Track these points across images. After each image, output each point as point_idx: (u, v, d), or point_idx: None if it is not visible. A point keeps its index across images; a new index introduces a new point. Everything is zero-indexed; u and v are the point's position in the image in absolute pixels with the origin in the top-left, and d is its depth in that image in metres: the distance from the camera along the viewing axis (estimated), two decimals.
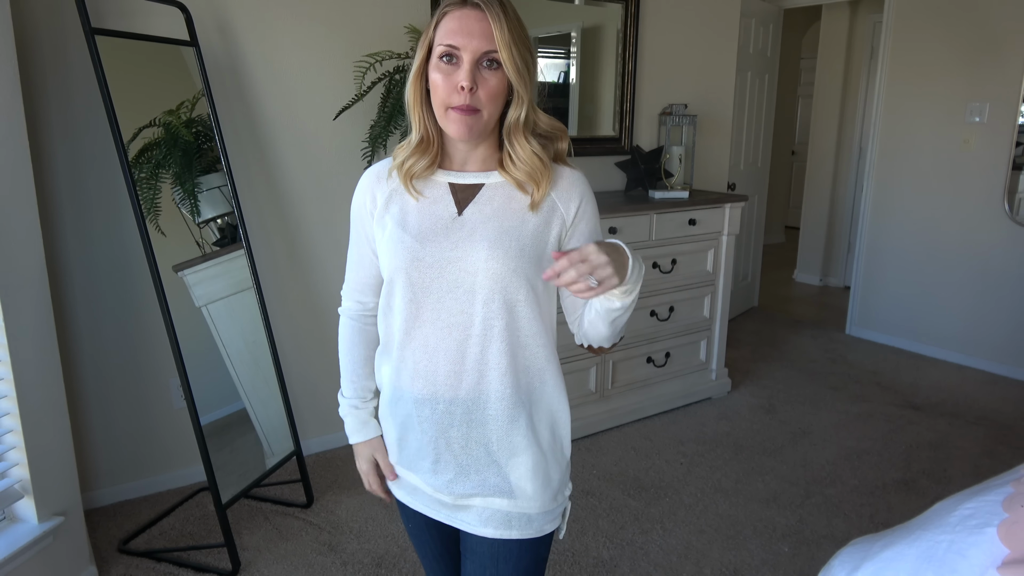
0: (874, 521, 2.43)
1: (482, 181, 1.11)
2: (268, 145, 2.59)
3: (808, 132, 6.01)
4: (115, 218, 2.34)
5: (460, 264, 1.06)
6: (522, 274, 1.07)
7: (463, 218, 1.08)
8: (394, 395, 1.16)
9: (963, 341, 3.98)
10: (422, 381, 1.10)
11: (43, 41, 2.15)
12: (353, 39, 2.62)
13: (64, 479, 1.96)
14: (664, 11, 3.45)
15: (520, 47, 1.01)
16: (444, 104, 1.02)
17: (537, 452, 1.13)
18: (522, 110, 1.05)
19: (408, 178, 1.10)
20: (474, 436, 1.11)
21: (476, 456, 1.12)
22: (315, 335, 2.80)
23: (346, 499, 2.53)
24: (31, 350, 1.83)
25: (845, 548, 1.31)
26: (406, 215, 1.11)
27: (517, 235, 1.07)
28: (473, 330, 1.07)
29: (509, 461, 1.12)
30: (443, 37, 1.01)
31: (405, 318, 1.10)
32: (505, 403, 1.09)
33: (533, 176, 1.08)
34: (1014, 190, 3.76)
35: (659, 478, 2.70)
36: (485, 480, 1.13)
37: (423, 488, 1.19)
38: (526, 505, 1.14)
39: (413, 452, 1.17)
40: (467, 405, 1.09)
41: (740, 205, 3.28)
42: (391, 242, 1.10)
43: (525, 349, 1.10)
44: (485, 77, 1.01)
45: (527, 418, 1.12)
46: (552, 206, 1.10)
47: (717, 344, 3.41)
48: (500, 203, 1.09)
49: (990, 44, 3.71)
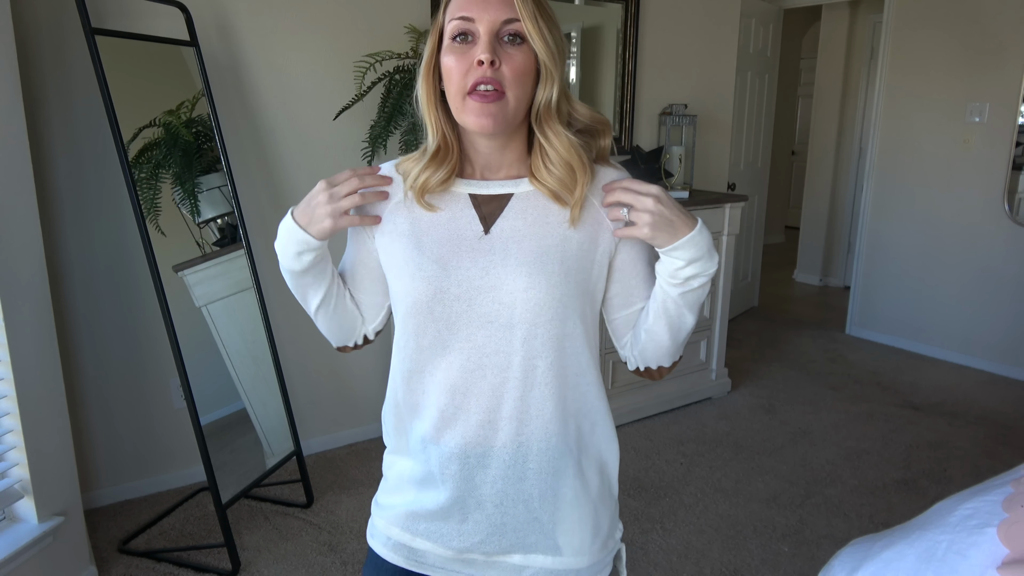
0: (874, 521, 2.43)
1: (510, 191, 0.93)
2: (268, 145, 2.59)
3: (808, 132, 6.01)
4: (115, 218, 2.34)
5: (493, 294, 0.89)
6: (569, 303, 0.90)
7: (491, 237, 0.91)
8: (410, 447, 0.98)
9: (963, 341, 3.98)
10: (449, 432, 0.92)
11: (43, 41, 2.15)
12: (353, 39, 2.62)
13: (64, 479, 1.96)
14: (664, 11, 3.45)
15: (546, 18, 0.85)
16: (461, 90, 0.85)
17: (586, 503, 0.97)
18: (553, 90, 0.88)
19: (421, 193, 0.92)
20: (511, 493, 0.93)
21: (514, 515, 0.95)
22: (315, 335, 2.78)
23: (346, 499, 2.53)
24: (31, 350, 1.83)
25: (845, 548, 1.31)
26: (420, 233, 0.92)
27: (560, 256, 0.90)
28: (511, 372, 0.89)
29: (554, 516, 0.96)
30: (454, 11, 0.86)
31: (428, 360, 0.92)
32: (550, 454, 0.93)
33: (569, 179, 0.90)
34: (1014, 190, 3.76)
35: (659, 478, 2.70)
36: (525, 538, 0.96)
37: (441, 552, 0.99)
38: (574, 561, 0.98)
39: (432, 513, 0.97)
40: (504, 458, 0.92)
41: (740, 205, 3.28)
42: (407, 266, 0.91)
43: (574, 390, 0.94)
44: (509, 53, 0.85)
45: (575, 467, 0.96)
46: (596, 217, 0.93)
47: (717, 344, 3.41)
48: (535, 217, 0.91)
49: (990, 45, 3.71)
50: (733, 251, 3.33)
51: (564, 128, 0.90)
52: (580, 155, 0.90)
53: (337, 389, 2.86)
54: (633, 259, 0.96)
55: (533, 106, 0.89)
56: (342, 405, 2.87)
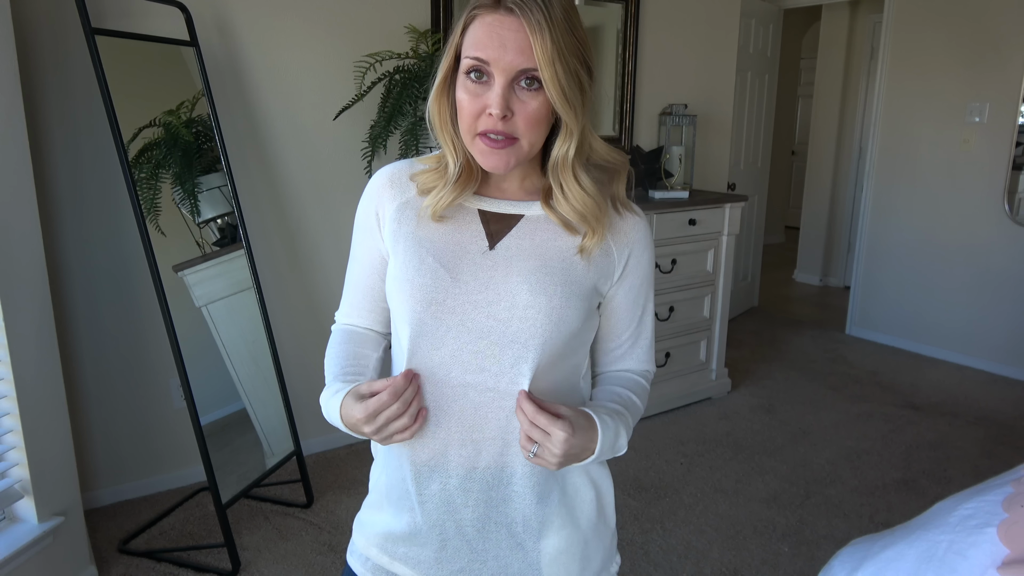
0: (874, 521, 2.43)
1: (521, 212, 0.90)
2: (268, 145, 2.59)
3: (808, 132, 6.01)
4: (115, 218, 2.34)
5: (490, 309, 0.85)
6: (565, 326, 0.86)
7: (495, 253, 0.88)
8: (388, 466, 0.95)
9: (963, 341, 3.98)
10: (428, 452, 0.88)
11: (43, 41, 2.15)
12: (353, 39, 2.62)
13: (64, 479, 1.96)
14: (664, 11, 3.45)
15: (569, 61, 0.79)
16: (471, 131, 0.82)
17: (573, 531, 0.94)
18: (571, 144, 0.83)
19: (437, 212, 0.89)
20: (493, 517, 0.90)
21: (496, 540, 0.91)
22: (315, 335, 2.80)
23: (346, 499, 2.53)
24: (31, 350, 1.83)
25: (845, 548, 1.31)
26: (423, 239, 0.89)
27: (564, 279, 0.87)
28: (498, 391, 0.86)
29: (538, 544, 0.92)
30: (470, 48, 0.80)
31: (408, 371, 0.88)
32: (535, 478, 0.89)
33: (584, 219, 0.87)
34: (1014, 190, 3.76)
35: (659, 478, 2.70)
36: (507, 567, 0.93)
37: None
38: None
39: (408, 537, 0.94)
40: (487, 480, 0.88)
41: (740, 205, 3.28)
42: (409, 264, 0.88)
43: None
44: (523, 100, 0.80)
45: (560, 492, 0.92)
46: (606, 251, 0.90)
47: (717, 344, 3.41)
48: (543, 239, 0.88)
49: (990, 44, 3.71)
50: (733, 251, 3.33)
51: (581, 169, 0.86)
52: (597, 203, 0.87)
53: None
54: (628, 304, 0.95)
55: (550, 155, 0.86)
56: None
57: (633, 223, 0.92)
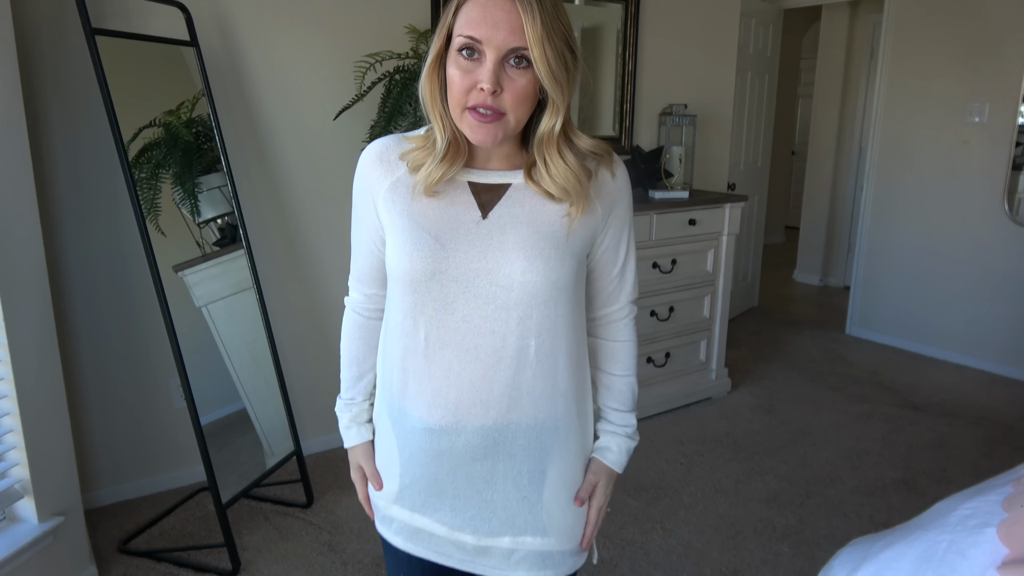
0: (874, 521, 2.43)
1: (509, 181, 0.95)
2: (268, 145, 2.59)
3: (808, 132, 6.01)
4: (115, 218, 2.34)
5: (491, 277, 0.91)
6: (562, 285, 0.93)
7: (488, 222, 0.93)
8: (401, 425, 1.01)
9: (963, 341, 3.98)
10: (440, 411, 0.95)
11: (43, 41, 2.15)
12: (353, 39, 2.62)
13: (64, 479, 1.96)
14: (664, 11, 3.45)
15: (557, 42, 0.84)
16: (461, 104, 0.87)
17: (572, 484, 1.03)
18: (557, 119, 0.89)
19: (430, 188, 0.94)
20: (500, 470, 0.97)
21: (504, 492, 0.99)
22: (315, 335, 2.80)
23: (346, 499, 2.53)
24: (31, 350, 1.83)
25: (845, 548, 1.31)
26: (418, 214, 0.94)
27: (555, 241, 0.93)
28: (505, 352, 0.93)
29: (542, 497, 1.00)
30: (463, 27, 0.85)
31: (423, 340, 0.94)
32: (538, 431, 0.97)
33: (567, 193, 0.93)
34: (1014, 190, 3.76)
35: (659, 478, 2.70)
36: (514, 518, 1.00)
37: (435, 530, 1.03)
38: (560, 543, 1.02)
39: (423, 489, 1.01)
40: (494, 436, 0.95)
41: (740, 205, 3.28)
42: (405, 240, 0.93)
43: (564, 371, 0.98)
44: (512, 77, 0.85)
45: (562, 447, 1.00)
46: (592, 210, 0.96)
47: (717, 344, 3.41)
48: (532, 205, 0.94)
49: (990, 44, 3.71)
50: (733, 251, 3.33)
51: (565, 148, 0.92)
52: (578, 179, 0.92)
53: (337, 389, 2.85)
54: (611, 247, 1.02)
55: (536, 130, 0.91)
56: None
57: (616, 180, 0.99)
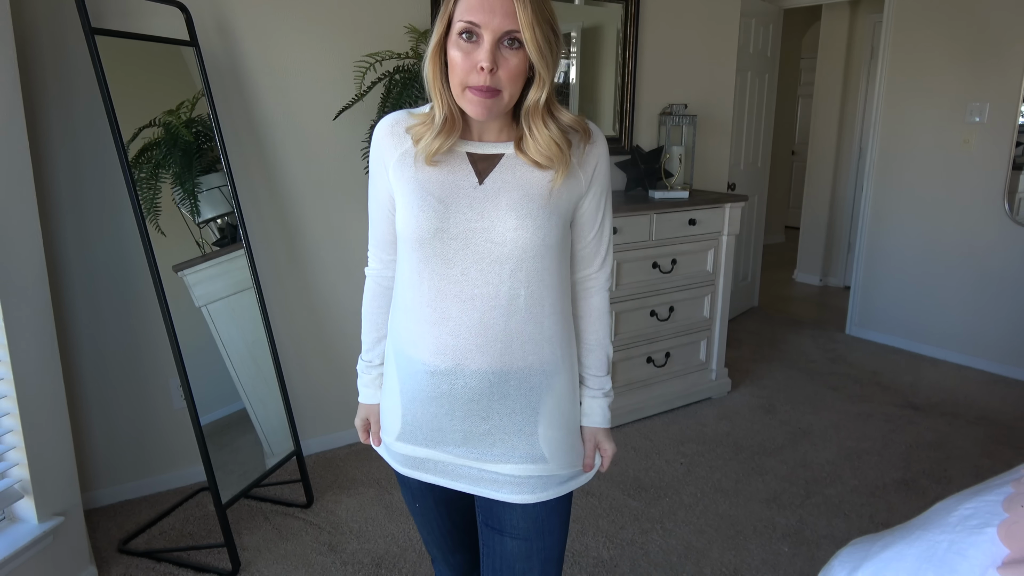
0: (874, 521, 2.43)
1: (501, 151, 1.08)
2: (268, 145, 2.59)
3: (808, 132, 6.01)
4: (115, 218, 2.34)
5: (487, 235, 1.04)
6: (550, 242, 1.06)
7: (484, 187, 1.06)
8: (405, 370, 1.14)
9: (963, 341, 3.98)
10: (441, 356, 1.08)
11: (43, 41, 2.15)
12: (353, 39, 2.62)
13: (64, 479, 1.96)
14: (664, 11, 3.45)
15: (544, 26, 0.97)
16: (462, 83, 0.99)
17: (561, 420, 1.15)
18: (543, 91, 1.02)
19: (430, 157, 1.06)
20: (496, 407, 1.10)
21: (502, 425, 1.11)
22: (315, 335, 2.80)
23: (346, 499, 2.53)
24: (31, 350, 1.83)
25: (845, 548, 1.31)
26: (423, 180, 1.07)
27: (543, 202, 1.06)
28: (498, 300, 1.05)
29: (537, 429, 1.12)
30: (463, 13, 0.97)
31: (427, 292, 1.07)
32: (529, 372, 1.09)
33: (550, 162, 1.05)
34: (1014, 190, 3.76)
35: (659, 478, 2.70)
36: (515, 447, 1.12)
37: (443, 458, 1.16)
38: (557, 467, 1.15)
39: (429, 425, 1.14)
40: (490, 377, 1.08)
41: (740, 205, 3.28)
42: (412, 202, 1.06)
43: (550, 318, 1.10)
44: (506, 57, 0.98)
45: (550, 386, 1.12)
46: (574, 174, 1.09)
47: (717, 344, 3.41)
48: (522, 172, 1.07)
49: (990, 44, 3.71)
50: (733, 251, 3.33)
51: (549, 118, 1.05)
52: (559, 147, 1.05)
53: (337, 389, 2.86)
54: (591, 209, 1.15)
55: (524, 103, 1.04)
56: (342, 405, 2.87)
57: (594, 149, 1.11)
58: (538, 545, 1.17)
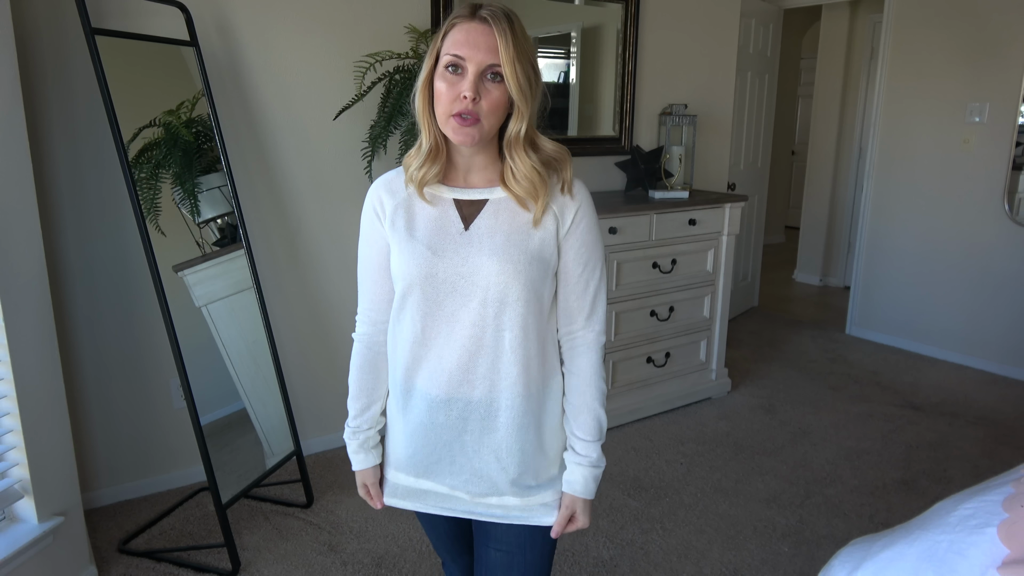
0: (874, 521, 2.43)
1: (486, 197, 1.14)
2: (268, 145, 2.59)
3: (808, 132, 6.01)
4: (115, 218, 2.34)
5: (472, 279, 1.10)
6: (530, 285, 1.11)
7: (469, 233, 1.12)
8: (407, 402, 1.19)
9: (963, 341, 3.98)
10: (436, 387, 1.14)
11: (43, 41, 2.15)
12: (353, 39, 2.62)
13: (64, 479, 1.96)
14: (664, 11, 3.45)
15: (523, 64, 1.04)
16: (447, 112, 1.06)
17: (543, 459, 1.20)
18: (522, 124, 1.08)
19: (420, 186, 1.13)
20: (485, 443, 1.16)
21: (487, 462, 1.17)
22: (315, 335, 2.80)
23: (346, 499, 2.53)
24: (31, 350, 1.83)
25: (845, 548, 1.31)
26: (414, 228, 1.14)
27: (523, 246, 1.11)
28: (485, 341, 1.11)
29: (518, 468, 1.17)
30: (450, 47, 1.05)
31: (418, 334, 1.13)
32: (516, 411, 1.14)
33: (532, 191, 1.11)
34: (1014, 190, 3.76)
35: (659, 478, 2.70)
36: (497, 484, 1.19)
37: (439, 489, 1.22)
38: (538, 500, 1.21)
39: (426, 456, 1.20)
40: (480, 412, 1.14)
41: (740, 205, 3.28)
42: (404, 250, 1.13)
43: (536, 359, 1.14)
44: (488, 89, 1.05)
45: (535, 425, 1.17)
46: (553, 217, 1.14)
47: (717, 344, 3.41)
48: (505, 218, 1.12)
49: (990, 44, 3.71)
50: (733, 251, 3.33)
51: (530, 149, 1.11)
52: (539, 174, 1.11)
53: (337, 389, 2.86)
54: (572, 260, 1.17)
55: (505, 135, 1.10)
56: (342, 405, 2.85)
57: (576, 202, 1.15)
58: (519, 559, 1.23)
